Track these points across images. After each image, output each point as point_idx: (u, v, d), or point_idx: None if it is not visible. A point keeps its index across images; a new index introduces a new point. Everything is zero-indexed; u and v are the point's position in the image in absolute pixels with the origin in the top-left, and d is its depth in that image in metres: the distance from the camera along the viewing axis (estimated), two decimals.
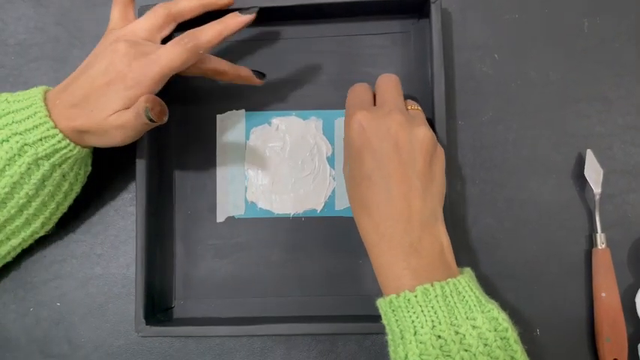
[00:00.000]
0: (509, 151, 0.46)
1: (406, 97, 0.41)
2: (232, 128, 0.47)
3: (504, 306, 0.43)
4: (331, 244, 0.45)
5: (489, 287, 0.44)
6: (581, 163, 0.45)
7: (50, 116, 0.38)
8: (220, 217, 0.46)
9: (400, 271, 0.35)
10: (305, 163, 0.46)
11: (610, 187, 0.45)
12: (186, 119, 0.47)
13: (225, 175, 0.46)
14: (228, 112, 0.47)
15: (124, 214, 0.47)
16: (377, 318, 0.38)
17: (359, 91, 0.41)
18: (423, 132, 0.37)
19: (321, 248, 0.45)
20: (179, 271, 0.46)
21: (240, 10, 0.41)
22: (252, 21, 0.41)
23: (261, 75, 0.44)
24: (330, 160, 0.46)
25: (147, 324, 0.42)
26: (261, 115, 0.47)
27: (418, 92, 0.45)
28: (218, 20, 0.40)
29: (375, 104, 0.40)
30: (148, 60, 0.37)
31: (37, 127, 0.37)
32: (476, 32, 0.47)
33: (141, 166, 0.43)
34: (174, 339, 0.46)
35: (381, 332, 0.37)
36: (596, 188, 0.44)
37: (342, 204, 0.46)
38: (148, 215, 0.43)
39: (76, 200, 0.44)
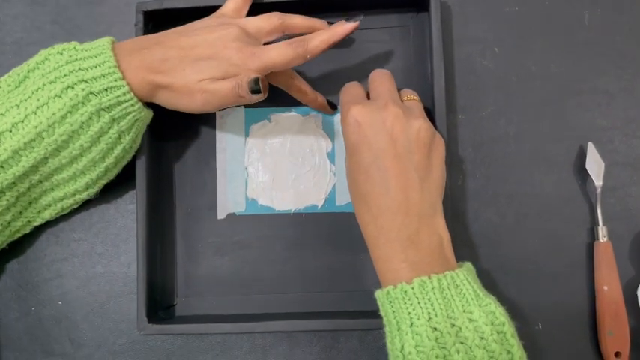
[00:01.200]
0: (510, 145, 0.46)
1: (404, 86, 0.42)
2: (232, 125, 0.47)
3: (506, 300, 0.44)
4: (332, 240, 0.46)
5: (491, 281, 0.45)
6: (582, 156, 0.45)
7: (119, 66, 0.38)
8: (221, 215, 0.46)
9: (398, 263, 0.35)
10: (305, 159, 0.46)
11: (611, 180, 0.45)
12: (185, 116, 0.47)
13: (225, 172, 0.46)
14: (228, 108, 0.47)
15: (124, 213, 0.47)
16: (378, 314, 0.38)
17: (352, 88, 0.41)
18: (419, 124, 0.37)
19: (322, 244, 0.46)
20: (180, 269, 0.46)
21: (346, 18, 0.41)
22: (357, 28, 0.41)
23: (333, 106, 0.46)
24: (330, 156, 0.46)
25: (149, 322, 0.42)
26: (261, 112, 0.47)
27: (418, 87, 0.45)
28: (326, 28, 0.41)
29: (368, 99, 0.40)
30: (257, 49, 0.39)
31: (104, 75, 0.38)
32: (476, 26, 0.47)
33: (140, 163, 0.43)
34: (177, 336, 0.46)
35: (383, 327, 0.37)
36: (598, 181, 0.44)
37: (342, 200, 0.46)
38: (149, 213, 0.43)
39: None
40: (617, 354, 0.43)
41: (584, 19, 0.46)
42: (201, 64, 0.39)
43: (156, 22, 0.45)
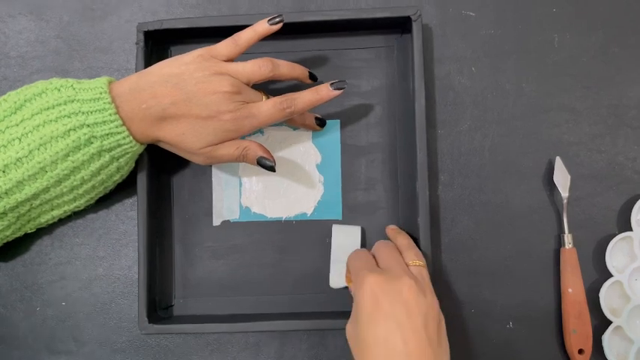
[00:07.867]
0: (485, 157, 0.49)
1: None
2: None
3: (481, 301, 0.47)
4: (320, 246, 0.48)
5: (467, 283, 0.48)
6: (550, 169, 0.48)
7: (118, 113, 0.40)
8: (216, 221, 0.49)
9: None
10: (296, 170, 0.49)
11: (577, 191, 0.48)
12: None
13: (220, 181, 0.49)
14: None
15: (124, 219, 0.49)
16: None
17: (361, 255, 0.42)
18: (430, 299, 0.38)
19: (311, 249, 0.48)
20: (178, 272, 0.48)
21: (332, 83, 0.44)
22: (342, 94, 0.44)
23: (322, 122, 0.48)
24: (319, 168, 0.49)
25: (149, 322, 0.44)
26: None
27: (401, 103, 0.48)
28: (313, 90, 0.44)
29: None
30: (249, 113, 0.42)
31: (105, 122, 0.39)
32: (455, 46, 0.49)
33: (141, 174, 0.45)
34: (175, 335, 0.48)
35: None
36: (564, 192, 0.47)
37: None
38: (149, 220, 0.45)
39: None
40: (580, 351, 0.45)
41: (553, 42, 0.49)
42: (199, 129, 0.41)
43: (155, 40, 0.48)
